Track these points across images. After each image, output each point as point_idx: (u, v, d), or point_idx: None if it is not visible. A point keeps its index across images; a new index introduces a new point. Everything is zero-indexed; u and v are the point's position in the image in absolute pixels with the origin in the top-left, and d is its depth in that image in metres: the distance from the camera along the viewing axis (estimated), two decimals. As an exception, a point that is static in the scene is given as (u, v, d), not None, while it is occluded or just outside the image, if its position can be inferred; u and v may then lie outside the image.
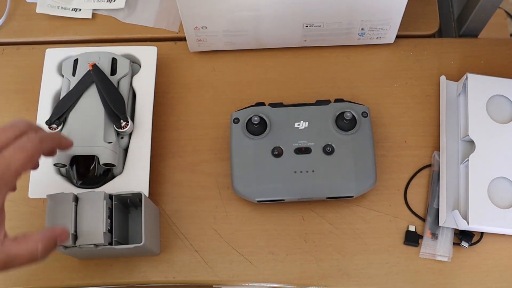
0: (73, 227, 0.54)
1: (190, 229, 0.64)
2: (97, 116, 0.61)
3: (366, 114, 0.65)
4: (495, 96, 0.66)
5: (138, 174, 0.62)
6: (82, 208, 0.55)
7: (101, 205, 0.55)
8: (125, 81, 0.65)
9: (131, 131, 0.64)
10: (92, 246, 0.54)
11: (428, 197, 0.65)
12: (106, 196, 0.56)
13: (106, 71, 0.64)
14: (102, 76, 0.63)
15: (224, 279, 0.62)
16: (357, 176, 0.62)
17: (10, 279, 0.63)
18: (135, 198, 0.59)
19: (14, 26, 0.77)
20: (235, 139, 0.64)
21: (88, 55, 0.66)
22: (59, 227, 0.50)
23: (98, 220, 0.55)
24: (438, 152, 0.67)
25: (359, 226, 0.64)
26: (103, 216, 0.55)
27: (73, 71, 0.65)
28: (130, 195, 0.58)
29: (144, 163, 0.63)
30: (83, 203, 0.55)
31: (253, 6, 0.65)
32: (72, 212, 0.54)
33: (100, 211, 0.55)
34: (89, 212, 0.55)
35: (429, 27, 0.75)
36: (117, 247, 0.56)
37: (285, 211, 0.65)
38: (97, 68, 0.64)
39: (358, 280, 0.62)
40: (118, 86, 0.65)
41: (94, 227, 0.54)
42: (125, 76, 0.65)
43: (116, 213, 0.58)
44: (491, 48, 0.74)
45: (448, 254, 0.62)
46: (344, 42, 0.73)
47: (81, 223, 0.55)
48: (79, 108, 0.62)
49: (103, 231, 0.54)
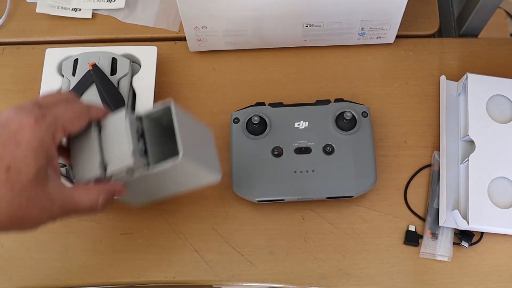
0: (99, 156, 0.49)
1: (190, 229, 0.65)
2: None
3: (366, 114, 0.65)
4: (495, 96, 0.66)
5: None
6: (105, 133, 0.50)
7: (123, 124, 0.49)
8: (125, 81, 0.65)
9: (131, 131, 0.64)
10: (124, 174, 0.49)
11: (428, 197, 0.65)
12: (128, 113, 0.49)
13: (106, 71, 0.64)
14: (102, 76, 0.63)
15: (224, 279, 0.62)
16: (357, 176, 0.62)
17: (10, 279, 0.63)
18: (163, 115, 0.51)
19: (14, 26, 0.77)
20: (235, 139, 0.64)
21: (88, 55, 0.66)
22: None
23: (122, 140, 0.48)
24: (438, 152, 0.67)
25: (359, 226, 0.64)
26: (127, 134, 0.48)
27: (73, 71, 0.65)
28: (161, 110, 0.51)
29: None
30: (106, 128, 0.50)
31: (253, 6, 0.65)
32: (96, 140, 0.49)
33: (123, 129, 0.48)
34: (113, 135, 0.49)
35: (429, 27, 0.75)
36: (154, 170, 0.49)
37: (285, 211, 0.65)
38: (97, 68, 0.64)
39: (358, 280, 0.62)
40: (118, 86, 0.65)
41: (121, 148, 0.48)
42: (125, 76, 0.65)
43: (154, 137, 0.51)
44: (491, 48, 0.74)
45: (448, 254, 0.62)
46: (344, 42, 0.73)
47: (107, 150, 0.49)
48: None
49: (131, 150, 0.47)
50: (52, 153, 0.45)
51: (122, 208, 0.65)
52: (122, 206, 0.65)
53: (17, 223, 0.43)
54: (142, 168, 0.49)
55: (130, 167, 0.48)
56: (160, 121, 0.53)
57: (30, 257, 0.64)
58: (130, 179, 0.50)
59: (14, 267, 0.63)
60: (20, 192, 0.42)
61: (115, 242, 0.64)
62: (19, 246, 0.64)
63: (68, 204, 0.46)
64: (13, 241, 0.64)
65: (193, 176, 0.53)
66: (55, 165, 0.46)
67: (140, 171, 0.49)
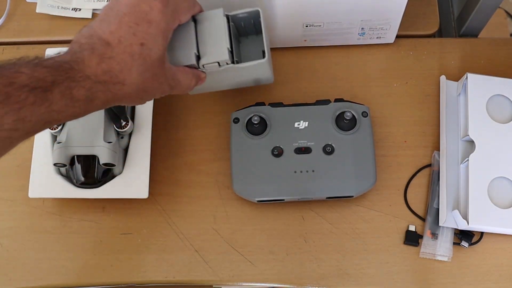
0: (195, 47, 0.55)
1: (190, 229, 0.65)
2: (97, 116, 0.61)
3: (366, 114, 0.65)
4: (495, 96, 0.66)
5: (138, 174, 0.63)
6: (202, 27, 0.56)
7: (222, 22, 0.56)
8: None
9: (131, 130, 0.64)
10: (215, 65, 0.55)
11: (428, 197, 0.65)
12: (224, 13, 0.56)
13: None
14: None
15: (224, 279, 0.62)
16: (357, 176, 0.62)
17: (10, 279, 0.63)
18: (249, 20, 0.59)
19: (14, 26, 0.76)
20: (235, 139, 0.64)
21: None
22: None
23: (220, 36, 0.55)
24: (438, 152, 0.67)
25: (359, 226, 0.64)
26: (225, 32, 0.55)
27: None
28: (247, 14, 0.58)
29: (144, 163, 0.63)
30: (202, 22, 0.56)
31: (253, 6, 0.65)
32: (193, 31, 0.55)
33: (222, 27, 0.56)
34: (211, 30, 0.56)
35: (429, 27, 0.75)
36: (240, 65, 0.57)
37: (285, 211, 0.65)
38: None
39: (358, 280, 0.62)
40: None
41: (217, 43, 0.55)
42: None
43: (233, 35, 0.58)
44: (491, 48, 0.74)
45: (448, 254, 0.62)
46: (344, 42, 0.73)
47: (203, 42, 0.55)
48: None
49: (227, 46, 0.55)
50: (169, 37, 0.50)
51: (122, 208, 0.65)
52: (122, 206, 0.66)
53: (140, 94, 0.48)
54: (230, 63, 0.56)
55: (225, 61, 0.56)
56: (239, 21, 0.60)
57: (30, 257, 0.64)
58: (216, 70, 0.57)
59: (14, 267, 0.63)
60: (150, 67, 0.46)
61: (115, 242, 0.64)
62: (19, 246, 0.64)
63: (174, 82, 0.51)
64: (13, 241, 0.64)
65: (262, 75, 0.61)
66: (166, 47, 0.49)
67: (227, 66, 0.56)
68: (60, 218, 0.65)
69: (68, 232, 0.65)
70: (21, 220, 0.65)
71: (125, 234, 0.65)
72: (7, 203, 0.66)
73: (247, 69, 0.58)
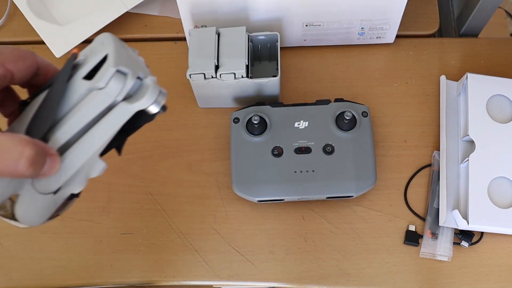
0: (216, 57, 0.61)
1: (190, 229, 0.65)
2: None
3: (366, 113, 0.65)
4: (495, 96, 0.66)
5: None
6: (224, 41, 0.62)
7: (243, 38, 0.62)
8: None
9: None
10: (231, 76, 0.61)
11: (428, 197, 0.65)
12: (246, 32, 0.63)
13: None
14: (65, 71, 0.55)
15: (224, 279, 0.62)
16: (357, 176, 0.62)
17: (10, 279, 0.63)
18: (266, 44, 0.66)
19: (14, 26, 0.77)
20: (235, 139, 0.64)
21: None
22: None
23: (240, 51, 0.61)
24: (438, 151, 0.67)
25: (359, 225, 0.64)
26: (245, 48, 0.61)
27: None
28: (265, 37, 0.65)
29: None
30: (225, 37, 0.62)
31: (253, 6, 0.65)
32: (215, 43, 0.61)
33: (243, 43, 0.62)
34: (231, 44, 0.62)
35: (429, 27, 0.75)
36: (254, 80, 0.62)
37: (285, 211, 0.65)
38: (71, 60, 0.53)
39: (358, 280, 0.62)
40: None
41: (236, 57, 0.61)
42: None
43: (252, 54, 0.65)
44: (491, 48, 0.74)
45: (448, 254, 0.62)
46: (344, 42, 0.73)
47: (223, 54, 0.61)
48: None
49: (245, 61, 0.61)
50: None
51: (122, 208, 0.65)
52: (122, 206, 0.65)
53: None
54: (244, 77, 0.61)
55: (241, 74, 0.61)
56: (256, 46, 0.67)
57: (30, 257, 0.64)
58: (230, 82, 0.61)
59: (14, 267, 0.63)
60: None
61: (115, 242, 0.64)
62: (19, 246, 0.64)
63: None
64: (13, 241, 0.64)
65: (271, 92, 0.66)
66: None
67: (241, 79, 0.61)
68: (60, 218, 0.65)
69: (68, 232, 0.65)
70: (21, 220, 0.65)
71: (125, 234, 0.65)
72: (7, 203, 0.66)
73: (259, 85, 0.63)
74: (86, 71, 0.37)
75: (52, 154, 0.37)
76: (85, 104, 0.37)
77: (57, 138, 0.37)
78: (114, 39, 0.39)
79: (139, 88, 0.37)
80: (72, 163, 0.38)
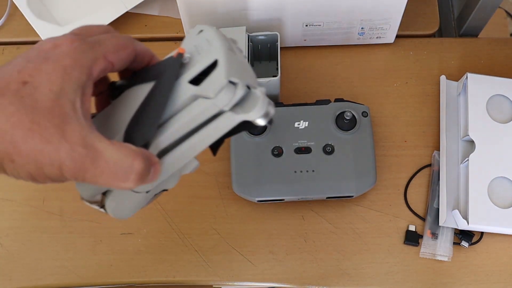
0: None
1: (190, 229, 0.64)
2: None
3: (366, 113, 0.65)
4: (495, 96, 0.66)
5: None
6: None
7: (243, 38, 0.61)
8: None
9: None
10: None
11: (428, 197, 0.65)
12: (246, 32, 0.64)
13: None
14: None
15: (224, 279, 0.62)
16: (357, 176, 0.62)
17: (10, 279, 0.63)
18: (266, 44, 0.66)
19: (14, 26, 0.77)
20: (235, 139, 0.64)
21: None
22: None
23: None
24: (438, 151, 0.67)
25: (359, 225, 0.64)
26: (245, 48, 0.61)
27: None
28: (265, 37, 0.65)
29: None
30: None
31: (253, 6, 0.65)
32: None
33: (242, 43, 0.62)
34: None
35: (429, 27, 0.75)
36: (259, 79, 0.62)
37: (285, 211, 0.65)
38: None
39: (358, 280, 0.62)
40: None
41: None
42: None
43: (252, 54, 0.64)
44: (491, 48, 0.74)
45: (448, 254, 0.62)
46: (344, 42, 0.73)
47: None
48: None
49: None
50: (85, 82, 0.33)
51: (122, 208, 0.65)
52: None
53: (10, 153, 0.31)
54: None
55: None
56: (256, 46, 0.66)
57: (30, 257, 0.64)
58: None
59: (14, 267, 0.63)
60: (27, 110, 0.30)
61: (115, 242, 0.64)
62: (19, 246, 0.64)
63: (89, 153, 0.31)
64: (13, 241, 0.64)
65: (270, 92, 0.66)
66: (85, 102, 0.33)
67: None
68: (60, 218, 0.65)
69: (68, 232, 0.65)
70: (21, 220, 0.65)
71: (125, 234, 0.65)
72: (7, 203, 0.66)
73: (259, 84, 0.59)
74: (193, 75, 0.35)
75: (155, 163, 0.35)
76: (191, 112, 0.35)
77: (158, 143, 0.35)
78: (221, 38, 0.36)
79: (247, 97, 0.35)
80: (170, 167, 0.37)
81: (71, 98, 0.32)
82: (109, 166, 0.32)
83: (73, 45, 0.33)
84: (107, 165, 0.32)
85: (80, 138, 0.31)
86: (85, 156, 0.31)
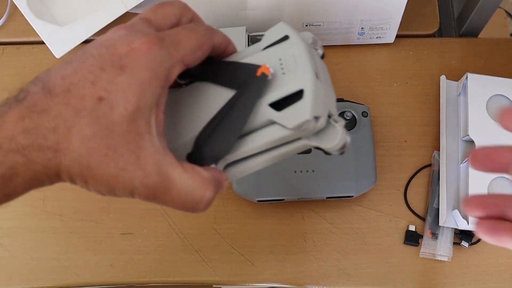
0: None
1: (190, 229, 0.64)
2: None
3: (366, 113, 0.65)
4: (495, 96, 0.66)
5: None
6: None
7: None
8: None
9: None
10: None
11: (428, 197, 0.65)
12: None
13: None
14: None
15: (224, 279, 0.62)
16: (357, 176, 0.62)
17: (10, 279, 0.63)
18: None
19: (14, 26, 0.76)
20: (235, 139, 0.64)
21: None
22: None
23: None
24: (438, 151, 0.67)
25: (359, 225, 0.64)
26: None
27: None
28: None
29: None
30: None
31: (252, 5, 0.65)
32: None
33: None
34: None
35: (429, 27, 0.75)
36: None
37: (285, 210, 0.65)
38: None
39: (358, 280, 0.62)
40: None
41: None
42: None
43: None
44: (491, 48, 0.74)
45: (448, 254, 0.62)
46: (344, 42, 0.73)
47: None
48: None
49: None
50: (161, 95, 0.32)
51: (122, 208, 0.65)
52: (122, 206, 0.65)
53: (84, 173, 0.30)
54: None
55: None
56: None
57: (30, 257, 0.64)
58: None
59: (14, 267, 0.63)
60: (105, 133, 0.29)
61: (115, 242, 0.64)
62: (19, 246, 0.64)
63: (159, 177, 0.31)
64: (13, 241, 0.64)
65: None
66: (159, 115, 0.32)
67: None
68: (60, 218, 0.65)
69: (68, 232, 0.65)
70: (21, 220, 0.65)
71: (125, 234, 0.65)
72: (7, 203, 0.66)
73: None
74: (274, 99, 0.34)
75: (222, 182, 0.35)
76: (269, 137, 0.34)
77: (228, 158, 0.35)
78: (308, 59, 0.34)
79: (326, 127, 0.34)
80: (232, 177, 0.37)
81: (146, 117, 0.31)
82: (181, 196, 0.32)
83: (150, 52, 0.31)
84: (179, 195, 0.32)
85: (154, 164, 0.31)
86: (158, 185, 0.31)
